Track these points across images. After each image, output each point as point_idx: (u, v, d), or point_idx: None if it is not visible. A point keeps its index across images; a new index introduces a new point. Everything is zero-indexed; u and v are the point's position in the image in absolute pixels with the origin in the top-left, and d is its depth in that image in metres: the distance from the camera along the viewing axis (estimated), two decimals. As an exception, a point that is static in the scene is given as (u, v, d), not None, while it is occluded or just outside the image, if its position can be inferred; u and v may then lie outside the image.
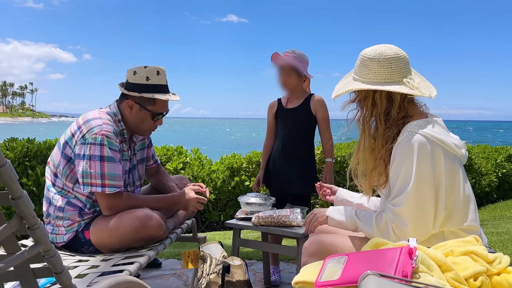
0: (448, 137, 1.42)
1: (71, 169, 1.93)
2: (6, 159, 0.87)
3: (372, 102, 1.48)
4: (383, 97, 1.46)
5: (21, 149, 4.08)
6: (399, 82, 1.45)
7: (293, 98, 2.68)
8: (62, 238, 1.95)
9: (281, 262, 2.98)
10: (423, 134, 1.37)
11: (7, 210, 3.93)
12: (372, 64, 1.46)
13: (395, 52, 1.47)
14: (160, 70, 2.04)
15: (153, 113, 2.05)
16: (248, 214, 2.28)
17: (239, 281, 1.91)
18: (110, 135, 1.89)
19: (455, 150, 1.40)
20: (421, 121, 1.43)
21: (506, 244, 3.15)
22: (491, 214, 5.58)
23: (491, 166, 7.05)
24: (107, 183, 1.86)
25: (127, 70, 2.05)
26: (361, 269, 1.05)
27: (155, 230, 1.89)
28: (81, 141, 1.87)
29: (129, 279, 1.28)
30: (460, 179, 1.41)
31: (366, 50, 1.50)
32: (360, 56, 1.51)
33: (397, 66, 1.46)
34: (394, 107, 1.46)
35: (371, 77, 1.46)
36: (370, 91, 1.47)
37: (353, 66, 1.59)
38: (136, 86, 2.00)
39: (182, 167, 4.96)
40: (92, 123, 1.90)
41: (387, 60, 1.45)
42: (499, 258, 1.21)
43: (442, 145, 1.38)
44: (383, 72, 1.45)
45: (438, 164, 1.37)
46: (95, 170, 1.85)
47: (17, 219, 0.95)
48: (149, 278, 2.69)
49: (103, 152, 1.86)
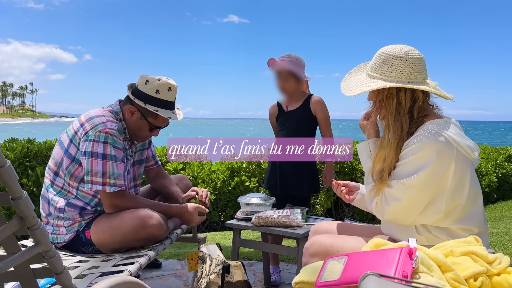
0: (464, 139, 1.43)
1: (76, 168, 1.92)
2: (6, 159, 0.87)
3: (397, 100, 1.48)
4: (407, 95, 1.47)
5: (21, 150, 4.08)
6: (422, 83, 1.47)
7: (292, 101, 2.69)
8: (63, 238, 1.95)
9: (281, 262, 2.98)
10: (441, 133, 1.38)
11: (7, 210, 3.93)
12: (398, 62, 1.46)
13: (418, 53, 1.49)
14: (172, 86, 2.03)
15: (151, 125, 2.06)
16: (248, 215, 2.28)
17: (238, 281, 1.91)
18: (114, 133, 1.89)
19: (469, 152, 1.41)
20: (440, 121, 1.44)
21: (506, 244, 3.15)
22: (491, 214, 5.58)
23: (491, 167, 7.04)
24: (108, 182, 1.86)
25: (140, 76, 2.05)
26: (361, 270, 1.05)
27: (156, 229, 1.89)
28: (84, 138, 1.87)
29: (129, 279, 1.28)
30: (468, 181, 1.41)
31: (389, 48, 1.50)
32: (383, 54, 1.50)
33: (421, 67, 1.48)
34: (416, 106, 1.48)
35: (396, 75, 1.46)
36: (394, 89, 1.48)
37: (352, 66, 1.59)
38: (144, 96, 2.00)
39: (182, 167, 4.96)
40: (96, 120, 1.90)
41: (413, 60, 1.46)
42: (499, 258, 1.21)
43: (457, 146, 1.38)
44: (409, 72, 1.46)
45: (449, 165, 1.37)
46: (96, 168, 1.85)
47: (17, 220, 0.95)
48: (149, 279, 2.69)
49: (106, 150, 1.86)
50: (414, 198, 1.40)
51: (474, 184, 1.44)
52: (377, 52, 1.52)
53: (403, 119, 1.48)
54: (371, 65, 1.54)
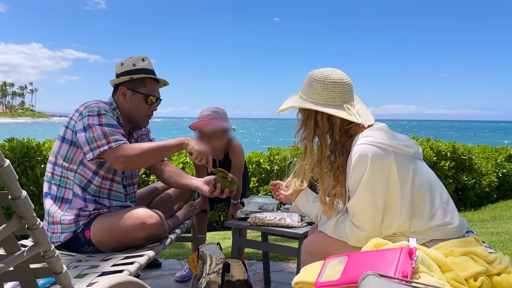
0: (395, 140, 1.46)
1: (74, 152, 1.98)
2: (5, 159, 0.87)
3: (314, 122, 1.54)
4: (324, 118, 1.52)
5: (20, 149, 4.07)
6: (339, 107, 1.51)
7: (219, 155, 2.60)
8: (58, 237, 1.95)
9: (281, 262, 2.99)
10: (370, 143, 1.41)
11: (6, 210, 3.93)
12: (317, 86, 1.52)
13: (340, 77, 1.52)
14: (144, 57, 2.17)
15: (145, 96, 2.11)
16: (248, 215, 2.28)
17: (239, 280, 1.91)
18: (107, 108, 1.99)
19: (406, 150, 1.44)
20: (365, 132, 1.47)
21: (506, 244, 3.15)
22: (491, 214, 5.58)
23: (491, 166, 7.05)
24: (111, 139, 1.92)
25: (115, 66, 2.17)
26: (361, 270, 1.05)
27: (155, 229, 1.90)
28: (79, 118, 1.96)
29: (129, 279, 1.28)
30: (418, 174, 1.43)
31: (314, 71, 1.56)
32: (308, 77, 1.57)
33: (340, 91, 1.51)
34: (335, 130, 1.52)
35: (315, 97, 1.52)
36: (312, 111, 1.53)
37: None
38: (125, 73, 2.11)
39: (182, 167, 4.96)
40: (89, 103, 2.01)
41: (331, 84, 1.51)
42: (499, 258, 1.21)
43: (391, 149, 1.41)
44: (326, 95, 1.51)
45: (389, 165, 1.39)
46: (97, 133, 1.91)
47: (17, 219, 0.95)
48: (149, 278, 2.69)
49: (101, 120, 1.94)
50: (367, 208, 1.40)
51: (424, 175, 1.45)
52: (307, 75, 1.59)
53: (321, 140, 1.54)
54: (302, 87, 1.60)
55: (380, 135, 1.44)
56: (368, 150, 1.39)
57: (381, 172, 1.39)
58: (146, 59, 2.16)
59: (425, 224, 1.42)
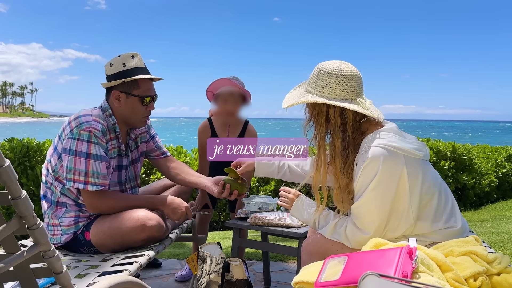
0: (405, 143, 1.42)
1: (60, 167, 1.91)
2: (5, 159, 0.87)
3: (326, 118, 1.47)
4: (336, 113, 1.46)
5: (20, 149, 4.07)
6: (352, 101, 1.45)
7: (232, 126, 2.55)
8: (59, 239, 1.95)
9: (281, 262, 2.99)
10: (383, 146, 1.37)
11: (7, 210, 3.93)
12: (328, 79, 1.45)
13: (351, 70, 1.47)
14: (134, 54, 2.03)
15: (140, 97, 2.02)
16: (248, 214, 2.28)
17: (239, 280, 1.91)
18: (98, 134, 1.88)
19: (416, 153, 1.40)
20: (376, 133, 1.43)
21: (506, 244, 3.15)
22: (491, 214, 5.58)
23: (491, 166, 7.05)
24: (90, 181, 1.86)
25: (104, 66, 2.05)
26: (361, 270, 1.05)
27: (155, 230, 1.88)
28: (69, 136, 1.87)
29: (129, 279, 1.28)
30: (428, 178, 1.42)
31: (323, 63, 1.49)
32: (317, 69, 1.50)
33: (352, 85, 1.46)
34: (348, 125, 1.46)
35: (326, 91, 1.45)
36: (323, 106, 1.46)
37: None
38: (115, 75, 1.98)
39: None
40: (82, 119, 1.90)
41: (343, 77, 1.45)
42: (499, 258, 1.21)
43: (401, 152, 1.38)
44: (338, 88, 1.44)
45: (401, 170, 1.37)
46: (79, 166, 1.84)
47: (17, 219, 0.95)
48: (149, 278, 2.69)
49: (90, 150, 1.86)
50: (373, 211, 1.39)
51: (431, 178, 1.44)
52: (315, 67, 1.52)
53: (334, 136, 1.47)
54: (308, 80, 1.54)
55: (391, 138, 1.40)
56: (380, 153, 1.35)
57: (391, 177, 1.36)
58: (136, 55, 2.03)
59: (429, 226, 1.41)
